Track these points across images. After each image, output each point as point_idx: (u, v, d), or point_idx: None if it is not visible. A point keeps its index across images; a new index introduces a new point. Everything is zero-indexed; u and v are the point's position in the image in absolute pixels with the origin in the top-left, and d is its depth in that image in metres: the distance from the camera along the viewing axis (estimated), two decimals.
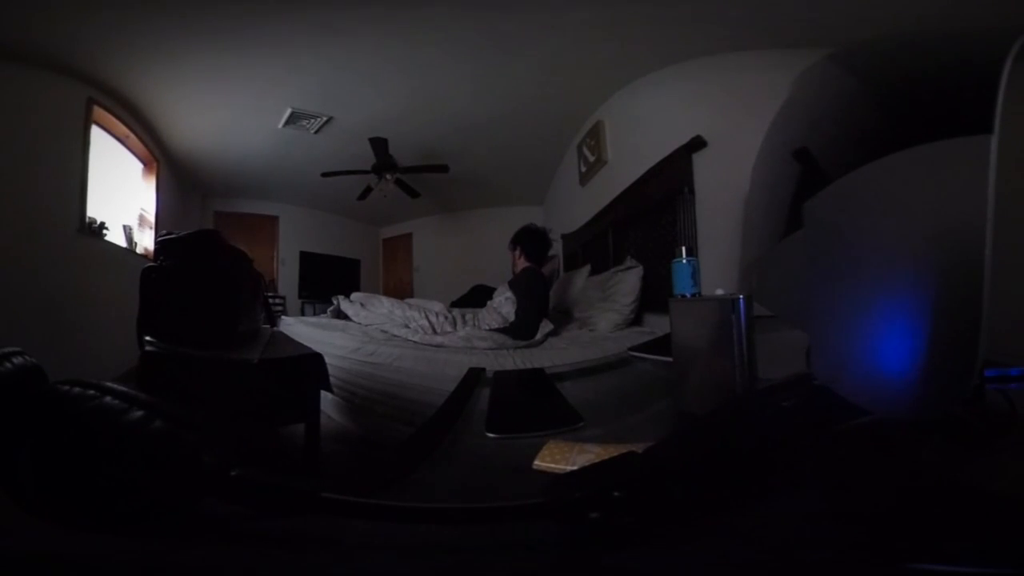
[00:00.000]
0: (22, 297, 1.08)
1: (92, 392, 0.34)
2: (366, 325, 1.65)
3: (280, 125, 1.59)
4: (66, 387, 0.35)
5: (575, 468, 0.48)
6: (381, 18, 1.25)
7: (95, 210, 1.36)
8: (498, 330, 1.55)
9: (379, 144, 1.71)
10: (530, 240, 1.75)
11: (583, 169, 1.92)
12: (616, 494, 0.34)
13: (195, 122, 1.55)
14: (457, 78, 1.54)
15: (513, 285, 1.67)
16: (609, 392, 1.02)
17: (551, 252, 2.04)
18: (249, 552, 0.33)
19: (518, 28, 1.32)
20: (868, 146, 0.39)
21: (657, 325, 1.41)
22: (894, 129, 0.40)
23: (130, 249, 1.53)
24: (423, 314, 1.63)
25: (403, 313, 1.63)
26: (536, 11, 1.24)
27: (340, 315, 1.74)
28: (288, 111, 1.56)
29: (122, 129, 1.46)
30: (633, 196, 1.68)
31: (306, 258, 2.03)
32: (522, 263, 1.73)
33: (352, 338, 1.57)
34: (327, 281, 2.02)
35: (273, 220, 2.02)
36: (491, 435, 0.69)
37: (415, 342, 1.51)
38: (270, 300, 1.76)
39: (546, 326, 1.60)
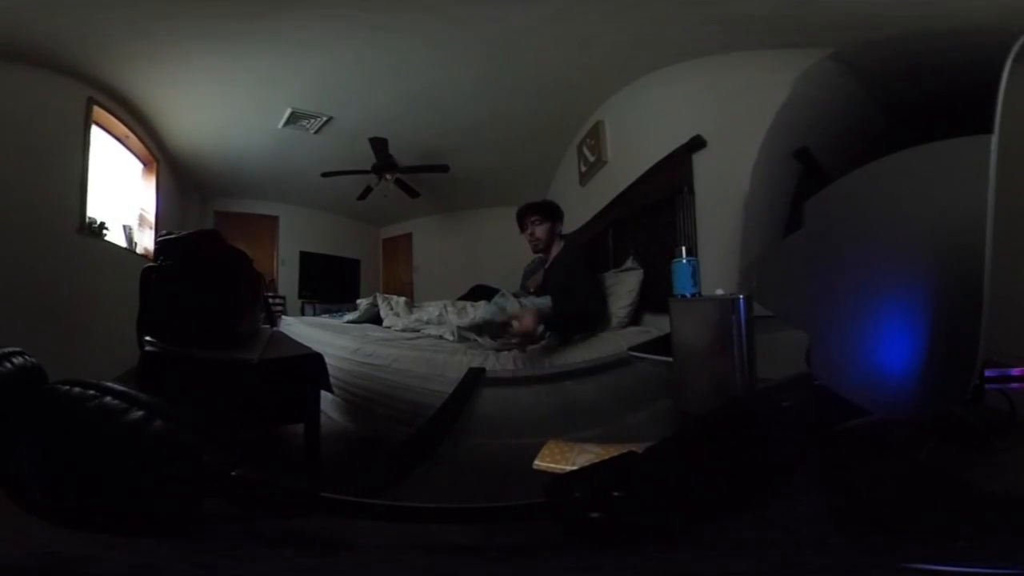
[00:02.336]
0: (22, 297, 1.07)
1: (92, 392, 0.34)
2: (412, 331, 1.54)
3: (280, 125, 1.58)
4: (66, 387, 0.35)
5: (575, 468, 0.48)
6: (381, 18, 1.25)
7: (95, 210, 1.36)
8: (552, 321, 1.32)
9: (379, 144, 1.71)
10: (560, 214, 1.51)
11: (583, 169, 1.91)
12: (616, 494, 0.34)
13: (195, 122, 1.54)
14: (457, 78, 1.54)
15: (567, 264, 1.46)
16: (609, 392, 1.02)
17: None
18: (249, 552, 0.33)
19: (518, 28, 1.32)
20: (868, 146, 0.39)
21: (657, 325, 1.40)
22: (894, 129, 0.40)
23: (130, 249, 1.53)
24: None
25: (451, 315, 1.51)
26: (536, 11, 1.24)
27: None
28: (288, 111, 1.55)
29: (122, 129, 1.46)
30: (633, 196, 1.67)
31: (306, 258, 2.03)
32: (557, 242, 1.53)
33: (352, 339, 1.56)
34: (327, 281, 2.02)
35: (273, 220, 2.01)
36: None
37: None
38: (270, 300, 1.75)
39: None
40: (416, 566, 0.32)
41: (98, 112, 1.35)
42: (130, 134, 1.47)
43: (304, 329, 1.70)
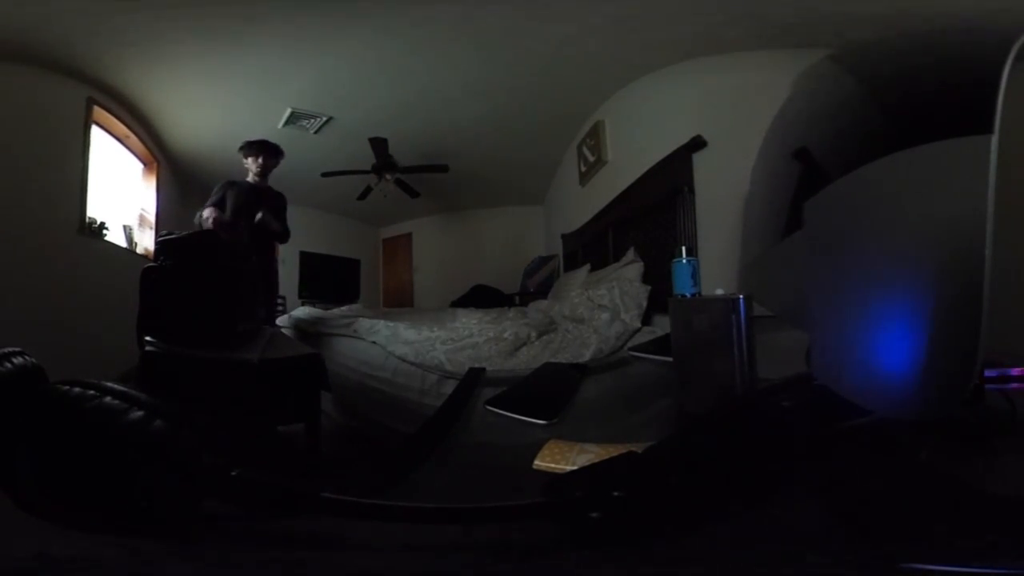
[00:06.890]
0: (22, 297, 1.07)
1: (92, 392, 0.34)
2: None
3: (280, 125, 1.58)
4: (66, 387, 0.35)
5: (575, 468, 0.48)
6: (381, 18, 1.25)
7: (95, 210, 1.36)
8: None
9: (379, 144, 1.71)
10: None
11: (583, 169, 1.92)
12: (616, 494, 0.34)
13: (195, 122, 1.54)
14: (457, 78, 1.54)
15: None
16: (609, 392, 1.02)
17: (551, 252, 2.04)
18: (249, 552, 0.33)
19: (518, 28, 1.32)
20: (868, 146, 0.39)
21: (657, 324, 1.40)
22: (894, 129, 0.40)
23: (130, 249, 1.53)
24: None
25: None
26: (536, 11, 1.24)
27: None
28: (288, 111, 1.55)
29: (122, 129, 1.46)
30: (633, 196, 1.67)
31: (306, 258, 2.03)
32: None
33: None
34: (327, 281, 2.02)
35: None
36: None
37: None
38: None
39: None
40: (416, 566, 0.32)
41: (98, 112, 1.35)
42: (130, 134, 1.47)
43: None
